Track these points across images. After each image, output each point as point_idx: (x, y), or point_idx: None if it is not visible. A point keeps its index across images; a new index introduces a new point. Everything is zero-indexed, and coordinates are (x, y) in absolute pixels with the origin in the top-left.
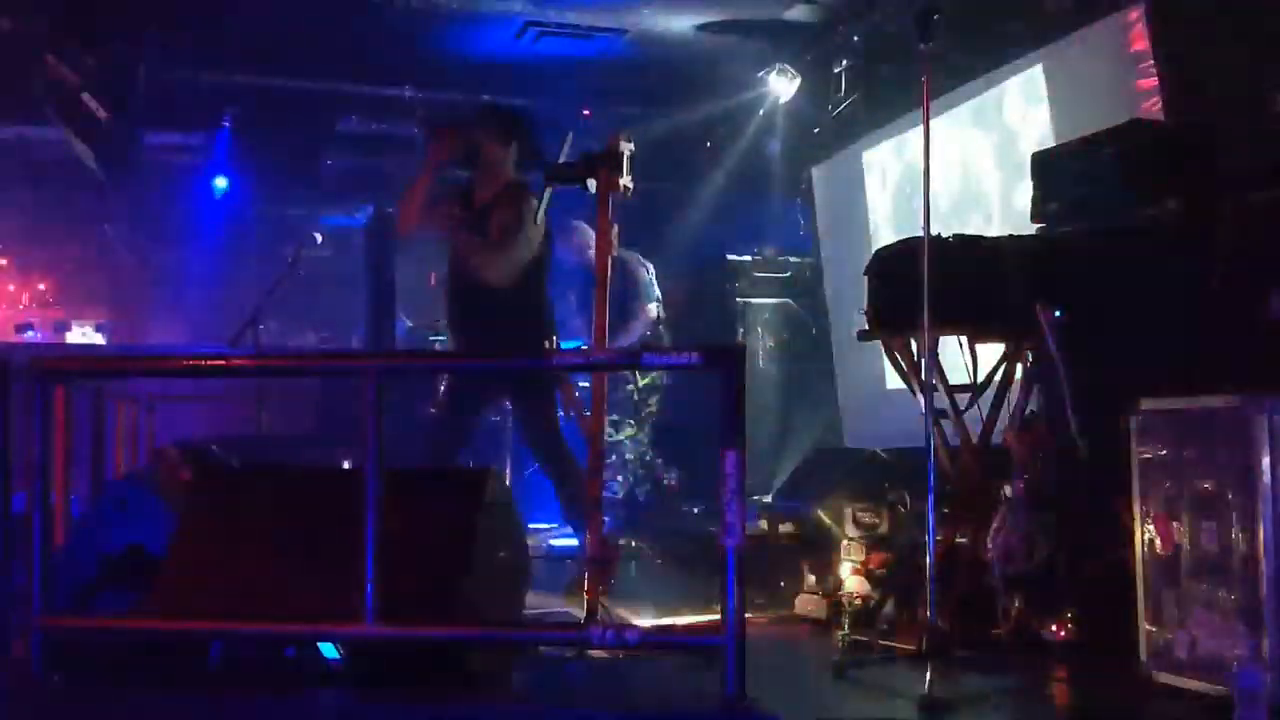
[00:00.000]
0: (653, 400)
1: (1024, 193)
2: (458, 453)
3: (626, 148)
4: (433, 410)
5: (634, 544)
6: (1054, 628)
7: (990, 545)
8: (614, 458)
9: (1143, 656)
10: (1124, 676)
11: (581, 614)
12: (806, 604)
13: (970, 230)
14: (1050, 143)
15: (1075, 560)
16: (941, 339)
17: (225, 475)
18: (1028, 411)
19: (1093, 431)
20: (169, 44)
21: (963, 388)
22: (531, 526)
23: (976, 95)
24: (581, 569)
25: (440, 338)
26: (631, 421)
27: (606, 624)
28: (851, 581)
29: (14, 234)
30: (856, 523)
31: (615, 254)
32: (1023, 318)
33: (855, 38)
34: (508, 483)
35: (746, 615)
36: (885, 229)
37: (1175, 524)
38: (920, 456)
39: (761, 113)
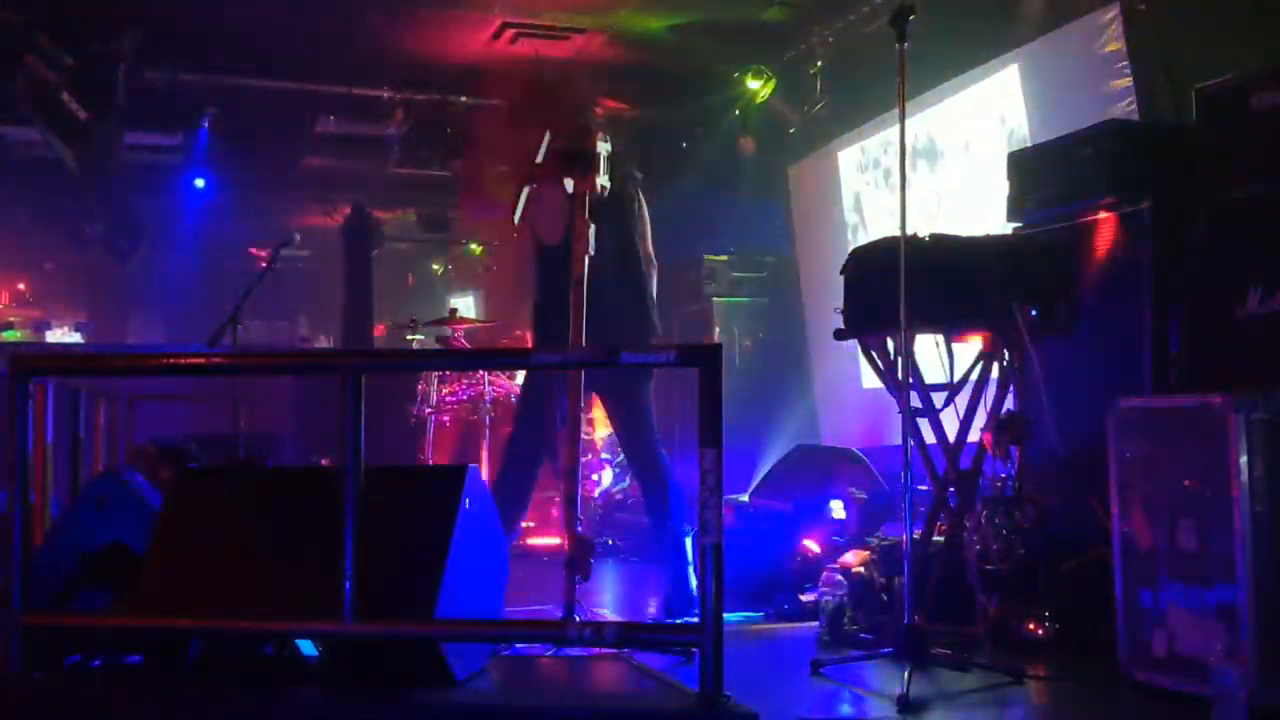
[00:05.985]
0: None
1: (1000, 191)
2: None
3: (603, 147)
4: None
5: (610, 541)
6: (1032, 626)
7: (968, 544)
8: (589, 456)
9: (1120, 655)
10: (1102, 675)
11: (559, 611)
12: None
13: (947, 229)
14: (1026, 142)
15: (1053, 559)
16: (917, 338)
17: (204, 473)
18: (1004, 410)
19: (1070, 430)
20: (148, 44)
21: (939, 386)
22: None
23: (952, 95)
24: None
25: (419, 337)
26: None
27: (584, 621)
28: (830, 579)
29: None
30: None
31: (592, 253)
32: (999, 316)
33: (830, 38)
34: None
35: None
36: (861, 228)
37: (1152, 522)
38: (897, 455)
39: (737, 113)
